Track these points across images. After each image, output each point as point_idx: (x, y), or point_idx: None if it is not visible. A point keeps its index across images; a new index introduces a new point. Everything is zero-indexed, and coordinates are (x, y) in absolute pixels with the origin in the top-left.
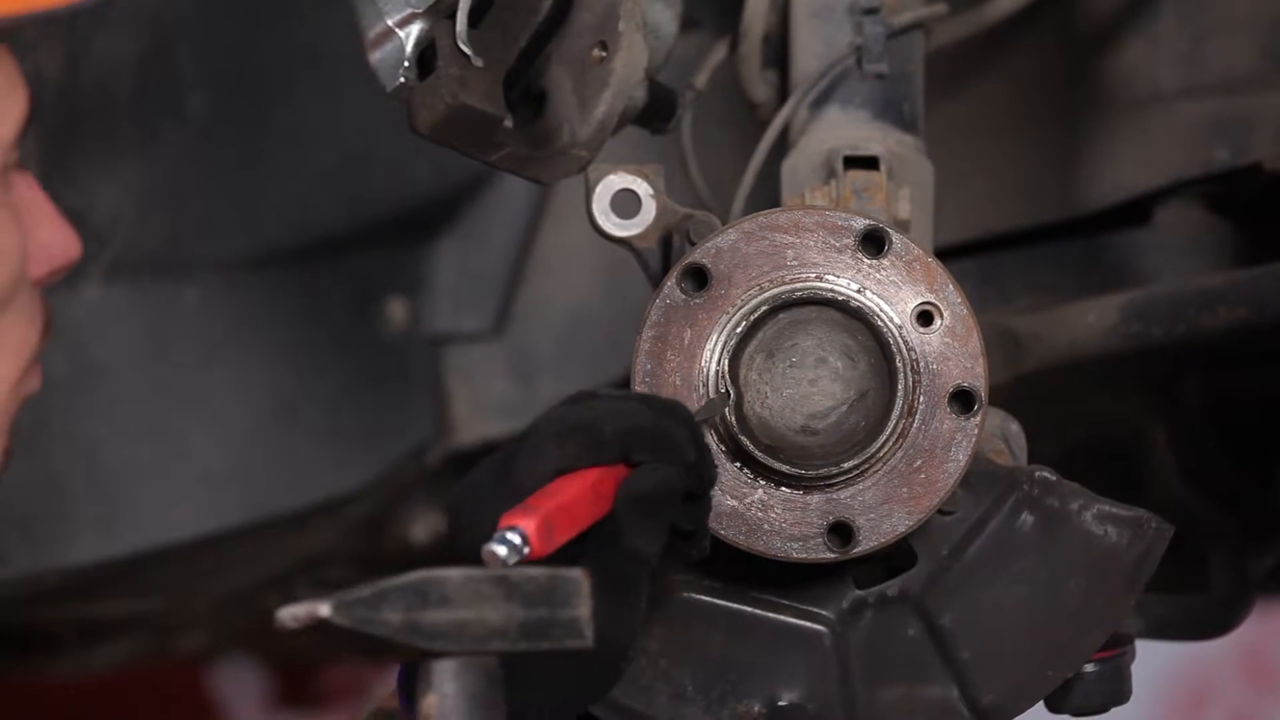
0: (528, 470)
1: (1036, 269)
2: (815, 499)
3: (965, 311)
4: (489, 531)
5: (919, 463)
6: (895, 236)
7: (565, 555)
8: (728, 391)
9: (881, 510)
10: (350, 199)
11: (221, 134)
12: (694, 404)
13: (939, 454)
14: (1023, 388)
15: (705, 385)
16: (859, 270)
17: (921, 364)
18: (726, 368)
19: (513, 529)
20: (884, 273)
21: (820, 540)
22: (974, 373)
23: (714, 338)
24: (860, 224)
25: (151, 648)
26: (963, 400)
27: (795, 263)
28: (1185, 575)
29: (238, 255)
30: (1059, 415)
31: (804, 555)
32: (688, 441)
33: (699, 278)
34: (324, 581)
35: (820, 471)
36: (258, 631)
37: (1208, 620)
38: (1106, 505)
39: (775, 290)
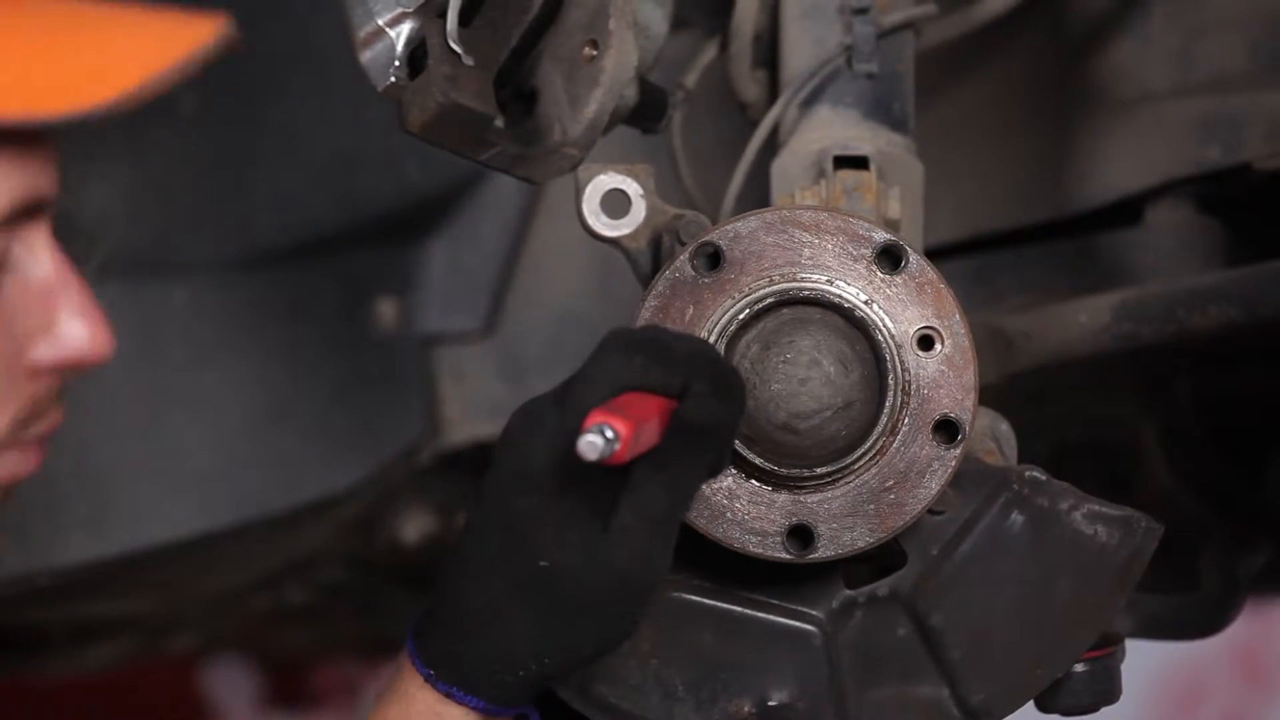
0: (590, 383)
1: (1027, 269)
2: (782, 498)
3: (966, 343)
4: (540, 447)
5: (891, 483)
6: (913, 257)
7: (604, 484)
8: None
9: (845, 522)
10: (341, 198)
11: (211, 133)
12: None
13: (912, 479)
14: (1014, 387)
15: None
16: (870, 282)
17: (913, 387)
18: (722, 351)
19: (604, 426)
20: (895, 290)
21: (779, 539)
22: (963, 405)
23: (715, 319)
24: (881, 237)
25: (143, 648)
26: (947, 430)
27: (810, 262)
28: (1176, 574)
29: (228, 255)
30: (1050, 415)
31: (759, 551)
32: (741, 383)
33: (713, 258)
34: (315, 582)
35: (792, 472)
36: (249, 632)
37: (1198, 619)
38: (1096, 505)
39: (785, 285)
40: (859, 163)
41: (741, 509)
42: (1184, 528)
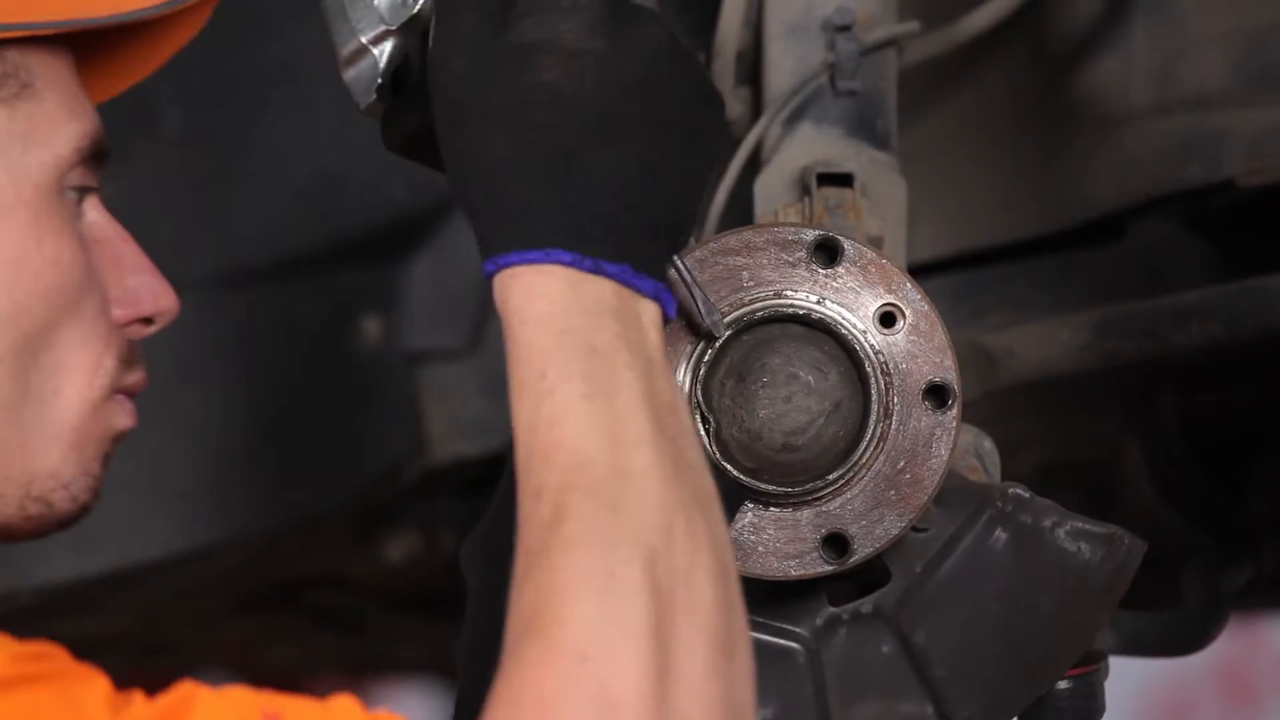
0: None
1: (1010, 286)
2: (805, 514)
3: (926, 308)
4: None
5: (902, 464)
6: (847, 243)
7: None
8: (706, 415)
9: (872, 516)
10: (325, 217)
11: (196, 151)
12: None
13: (921, 452)
14: (996, 404)
15: None
16: (815, 281)
17: (890, 365)
18: (700, 396)
19: None
20: (840, 280)
21: (816, 554)
22: (944, 367)
23: (682, 368)
24: (810, 235)
25: (127, 667)
26: (937, 395)
27: (751, 283)
28: (1159, 591)
29: (212, 274)
30: (1033, 432)
31: (802, 571)
32: None
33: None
34: (299, 602)
35: (807, 486)
36: (233, 651)
37: (1181, 636)
38: (1080, 522)
39: (735, 313)
40: (842, 180)
41: (770, 538)
42: (1167, 544)
